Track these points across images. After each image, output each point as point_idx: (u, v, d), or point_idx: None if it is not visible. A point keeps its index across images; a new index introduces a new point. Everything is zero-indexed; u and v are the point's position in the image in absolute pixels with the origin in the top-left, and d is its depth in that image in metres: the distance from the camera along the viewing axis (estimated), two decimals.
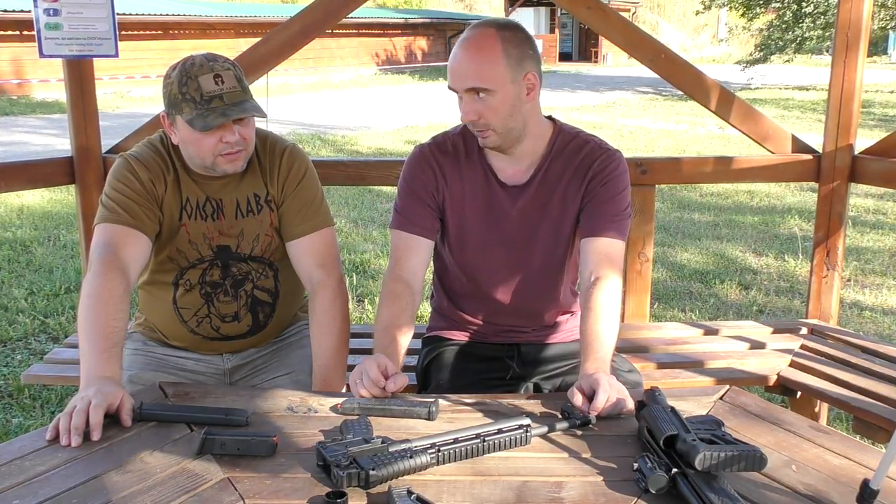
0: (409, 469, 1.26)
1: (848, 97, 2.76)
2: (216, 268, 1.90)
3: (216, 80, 1.71)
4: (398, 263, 1.82)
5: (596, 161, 1.81)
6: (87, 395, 1.44)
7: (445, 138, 1.88)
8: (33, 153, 8.97)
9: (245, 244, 1.90)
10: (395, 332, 1.70)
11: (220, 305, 1.92)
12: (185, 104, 1.71)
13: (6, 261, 5.15)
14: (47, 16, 2.49)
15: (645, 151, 10.44)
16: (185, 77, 1.71)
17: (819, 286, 2.91)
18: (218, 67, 1.73)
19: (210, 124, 1.69)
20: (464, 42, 1.71)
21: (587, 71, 29.01)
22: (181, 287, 1.91)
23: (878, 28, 19.91)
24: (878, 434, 2.19)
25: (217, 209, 1.87)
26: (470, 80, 1.69)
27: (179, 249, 1.87)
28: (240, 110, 1.72)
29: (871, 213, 6.89)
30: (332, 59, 22.52)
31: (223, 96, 1.71)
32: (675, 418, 1.30)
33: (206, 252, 1.88)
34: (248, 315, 1.94)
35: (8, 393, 3.35)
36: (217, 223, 1.88)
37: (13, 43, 15.02)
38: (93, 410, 1.40)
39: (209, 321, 1.93)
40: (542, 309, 1.95)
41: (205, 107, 1.70)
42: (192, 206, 1.86)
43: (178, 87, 1.72)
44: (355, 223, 6.44)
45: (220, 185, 1.87)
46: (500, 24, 1.73)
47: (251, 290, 1.94)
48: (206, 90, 1.70)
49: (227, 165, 1.79)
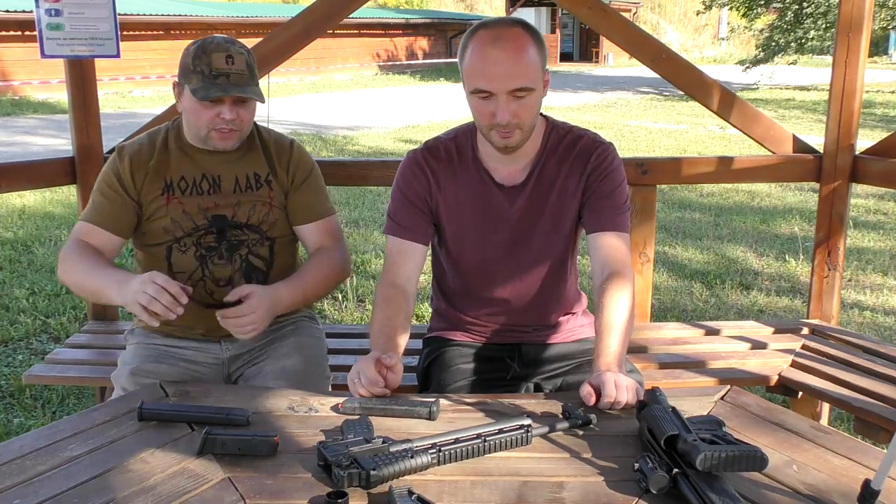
0: (409, 469, 1.26)
1: (849, 97, 2.76)
2: (211, 234, 1.96)
3: (227, 60, 1.83)
4: (392, 269, 1.82)
5: (592, 155, 1.80)
6: (141, 287, 1.63)
7: (438, 143, 1.87)
8: (34, 153, 8.98)
9: (241, 213, 1.97)
10: (391, 332, 1.70)
11: (214, 269, 1.96)
12: (195, 75, 1.83)
13: (7, 261, 5.15)
14: (49, 16, 2.49)
15: (646, 151, 10.44)
16: (201, 51, 1.83)
17: (820, 286, 2.91)
18: (233, 50, 1.85)
19: (209, 95, 1.80)
20: (497, 42, 1.64)
21: (588, 71, 29.02)
22: (175, 250, 1.96)
23: (878, 28, 19.90)
24: (879, 434, 2.19)
25: (214, 185, 1.96)
26: (516, 81, 1.63)
27: (174, 220, 1.94)
28: (240, 90, 1.83)
29: (872, 213, 6.88)
30: (334, 60, 22.53)
31: (230, 75, 1.82)
32: (676, 418, 1.29)
33: (200, 221, 1.95)
34: (242, 280, 1.96)
35: (9, 393, 3.35)
36: (213, 196, 1.96)
37: (14, 43, 15.03)
38: (167, 284, 1.63)
39: (203, 285, 1.96)
40: (544, 309, 1.95)
41: (210, 81, 1.81)
42: (188, 183, 1.95)
43: (192, 58, 1.84)
44: (356, 223, 6.43)
45: (220, 162, 1.96)
46: (522, 22, 1.71)
47: (246, 255, 1.98)
48: (215, 66, 1.82)
49: (219, 142, 1.90)
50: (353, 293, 4.56)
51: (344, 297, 4.53)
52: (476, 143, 1.83)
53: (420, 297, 4.45)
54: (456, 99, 16.52)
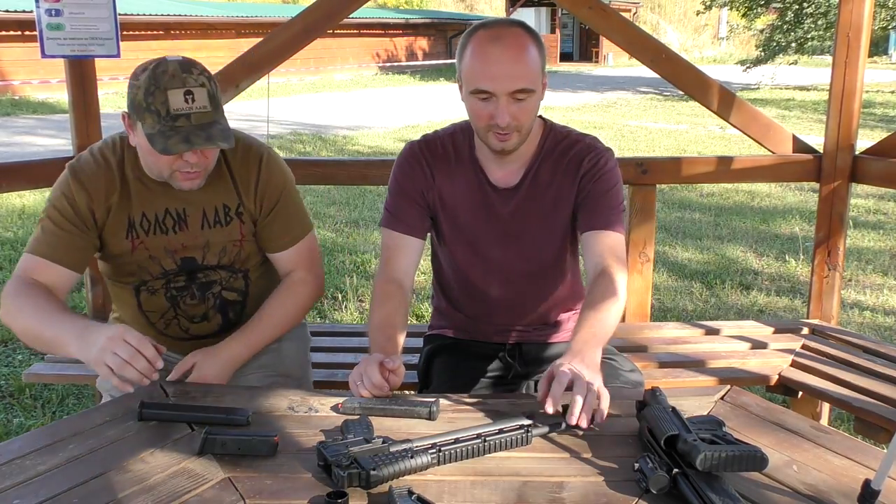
0: (409, 469, 1.26)
1: (849, 97, 2.76)
2: (181, 276, 1.82)
3: (186, 97, 1.59)
4: (389, 263, 1.82)
5: (585, 159, 1.79)
6: (108, 343, 1.45)
7: (436, 138, 1.86)
8: (34, 153, 8.97)
9: (211, 256, 1.81)
10: (390, 331, 1.69)
11: (186, 308, 1.84)
12: (149, 115, 1.60)
13: (7, 260, 5.15)
14: (49, 16, 2.49)
15: (646, 151, 10.43)
16: (154, 86, 1.59)
17: (820, 286, 2.91)
18: (191, 82, 1.60)
19: (170, 149, 1.59)
20: (498, 42, 1.62)
21: (588, 71, 29.01)
22: (144, 291, 1.82)
23: (878, 28, 19.90)
24: (879, 434, 2.19)
25: (179, 220, 1.77)
26: (519, 82, 1.61)
27: (140, 265, 1.78)
28: (205, 138, 1.60)
29: (872, 213, 6.88)
30: (333, 59, 22.52)
31: (191, 116, 1.60)
32: (676, 418, 1.29)
33: (169, 265, 1.80)
34: (217, 315, 1.87)
35: (9, 393, 3.35)
36: (179, 235, 1.78)
37: (14, 43, 15.03)
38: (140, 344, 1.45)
39: (177, 322, 1.86)
40: (542, 309, 1.94)
41: (169, 124, 1.59)
42: (150, 221, 1.76)
43: (143, 94, 1.60)
44: (356, 223, 6.43)
45: (185, 194, 1.75)
46: (521, 24, 1.70)
47: (219, 292, 1.86)
48: (173, 107, 1.58)
49: (185, 183, 1.70)
50: (353, 293, 4.56)
51: (344, 297, 4.53)
52: (473, 142, 1.83)
53: (420, 295, 4.45)
54: (456, 99, 16.44)
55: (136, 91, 1.62)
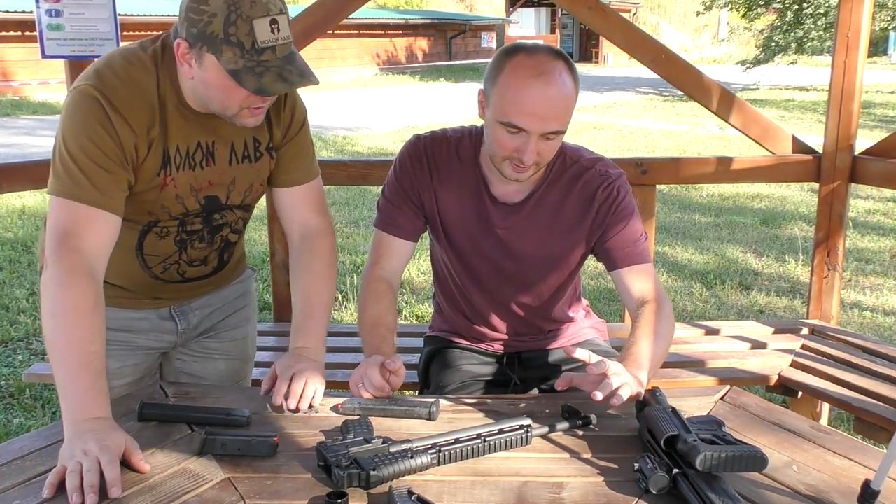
0: (409, 469, 1.26)
1: (848, 98, 2.76)
2: (199, 216, 1.65)
3: (272, 26, 1.37)
4: (378, 262, 1.81)
5: (599, 189, 1.73)
6: (88, 448, 1.24)
7: (444, 137, 1.80)
8: (34, 154, 8.97)
9: (235, 194, 1.66)
10: (384, 331, 1.69)
11: (192, 252, 1.69)
12: (228, 47, 1.37)
13: (8, 261, 5.15)
14: (49, 16, 2.49)
15: (645, 152, 10.42)
16: (236, 13, 1.36)
17: (820, 287, 2.91)
18: (273, 9, 1.38)
19: (267, 90, 1.39)
20: (539, 79, 1.54)
21: (588, 71, 28.99)
22: (153, 234, 1.63)
23: (878, 29, 19.92)
24: (879, 434, 2.20)
25: (207, 154, 1.58)
26: (554, 124, 1.56)
27: (164, 205, 1.58)
28: (298, 74, 1.41)
29: (872, 213, 6.89)
30: (333, 60, 22.52)
31: (276, 49, 1.39)
32: (676, 418, 1.30)
33: (192, 205, 1.61)
34: (215, 258, 1.75)
35: (9, 393, 3.35)
36: (206, 171, 1.59)
37: (14, 43, 15.04)
38: (108, 468, 1.22)
39: (177, 267, 1.70)
40: (539, 321, 1.92)
41: (254, 59, 1.37)
42: (182, 155, 1.55)
43: (223, 23, 1.36)
44: (356, 223, 6.44)
45: (215, 126, 1.55)
46: (561, 55, 1.62)
47: (226, 234, 1.73)
48: (260, 39, 1.36)
49: (250, 119, 1.51)
50: (353, 293, 4.56)
51: (344, 297, 4.53)
52: (481, 149, 1.77)
53: (420, 295, 4.45)
54: (455, 99, 16.55)
55: (207, 19, 1.36)
